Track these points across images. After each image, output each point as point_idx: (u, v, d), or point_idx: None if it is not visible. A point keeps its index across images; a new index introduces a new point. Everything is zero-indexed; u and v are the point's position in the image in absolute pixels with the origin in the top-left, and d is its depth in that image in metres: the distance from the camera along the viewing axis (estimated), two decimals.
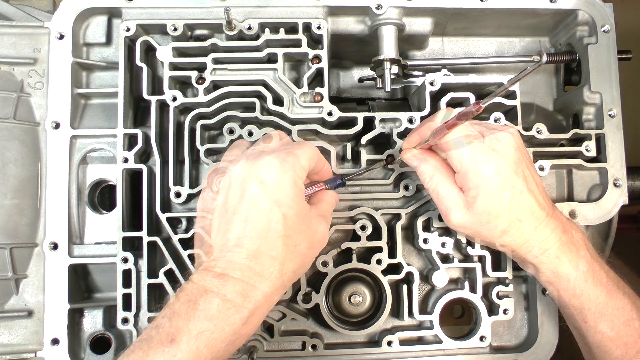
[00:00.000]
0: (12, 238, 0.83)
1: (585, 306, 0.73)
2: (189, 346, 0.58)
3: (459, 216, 0.73)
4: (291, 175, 0.66)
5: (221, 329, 0.60)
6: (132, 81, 0.85)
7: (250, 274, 0.62)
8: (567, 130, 0.87)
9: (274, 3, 0.84)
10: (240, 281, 0.61)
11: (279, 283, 0.64)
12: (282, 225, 0.64)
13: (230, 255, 0.63)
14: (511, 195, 0.70)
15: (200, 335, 0.58)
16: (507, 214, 0.71)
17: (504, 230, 0.72)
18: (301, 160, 0.68)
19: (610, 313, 0.72)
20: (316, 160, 0.71)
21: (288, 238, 0.64)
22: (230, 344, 0.61)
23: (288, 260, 0.65)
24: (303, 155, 0.68)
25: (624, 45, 0.90)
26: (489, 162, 0.69)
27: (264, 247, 0.63)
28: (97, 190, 0.88)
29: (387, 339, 0.82)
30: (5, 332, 0.84)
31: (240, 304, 0.61)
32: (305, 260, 0.69)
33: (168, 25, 0.82)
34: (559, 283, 0.74)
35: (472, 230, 0.74)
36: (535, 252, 0.73)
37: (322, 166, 0.74)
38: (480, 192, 0.70)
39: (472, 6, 0.86)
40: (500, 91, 0.76)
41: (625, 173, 0.86)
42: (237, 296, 0.61)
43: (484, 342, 0.83)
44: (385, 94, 0.97)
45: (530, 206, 0.72)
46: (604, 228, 0.95)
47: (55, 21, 0.83)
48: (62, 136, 0.83)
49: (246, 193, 0.64)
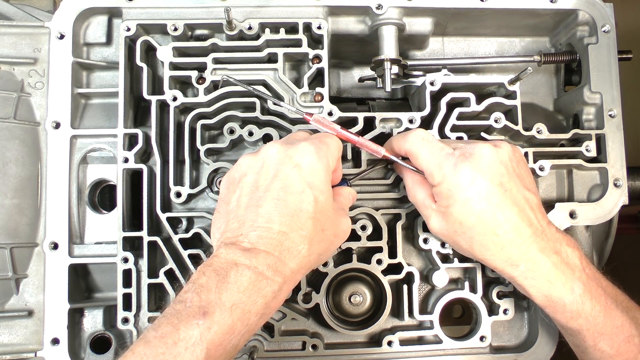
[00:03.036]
0: (12, 238, 0.83)
1: (584, 327, 0.71)
2: (223, 318, 0.57)
3: (436, 223, 0.74)
4: (325, 162, 0.67)
5: (254, 302, 0.59)
6: (133, 81, 0.85)
7: (280, 249, 0.62)
8: (567, 130, 0.87)
9: (274, 3, 0.84)
10: (272, 255, 0.62)
11: (305, 262, 0.65)
12: (313, 207, 0.65)
13: (261, 230, 0.63)
14: (486, 206, 0.69)
15: (234, 307, 0.58)
16: (481, 225, 0.70)
17: (482, 244, 0.71)
18: (332, 149, 0.70)
19: (610, 332, 0.71)
20: (340, 153, 0.73)
21: (317, 221, 0.65)
22: (261, 317, 0.61)
23: (316, 242, 0.65)
24: (334, 145, 0.71)
25: (624, 45, 0.90)
26: (459, 172, 0.69)
27: (295, 225, 0.63)
28: (97, 190, 0.88)
29: (387, 339, 0.82)
30: (6, 332, 0.84)
31: (272, 277, 0.61)
32: (330, 247, 0.70)
33: (168, 25, 0.82)
34: (553, 307, 0.71)
35: (451, 239, 0.74)
36: (524, 273, 0.71)
37: (339, 164, 0.75)
38: (450, 202, 0.70)
39: (472, 6, 0.86)
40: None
41: (626, 173, 0.86)
42: (268, 269, 0.61)
43: (484, 342, 0.83)
44: (386, 94, 0.97)
45: (510, 221, 0.69)
46: (604, 228, 0.95)
47: (55, 21, 0.83)
48: (63, 136, 0.83)
49: (280, 173, 0.65)
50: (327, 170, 0.68)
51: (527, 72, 0.78)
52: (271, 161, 0.67)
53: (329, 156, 0.68)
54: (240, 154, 0.85)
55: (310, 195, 0.65)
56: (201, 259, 0.81)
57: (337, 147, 0.72)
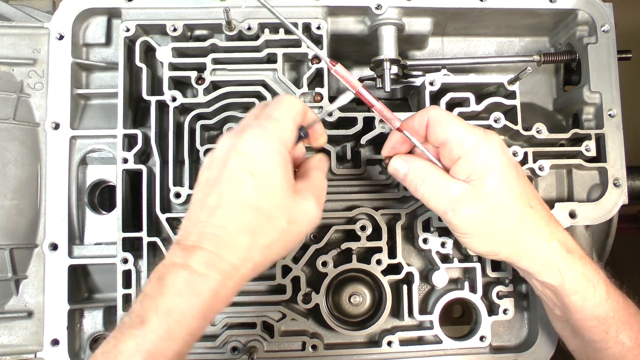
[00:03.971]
0: (12, 239, 0.83)
1: (610, 314, 0.69)
2: (159, 325, 0.55)
3: (468, 208, 0.66)
4: (272, 142, 0.61)
5: (190, 304, 0.57)
6: (132, 81, 0.85)
7: (217, 243, 0.59)
8: (567, 130, 0.87)
9: (273, 3, 0.84)
10: (207, 251, 0.58)
11: (246, 256, 0.59)
12: (253, 196, 0.59)
13: (202, 226, 0.60)
14: (517, 175, 0.68)
15: (169, 312, 0.56)
16: (518, 197, 0.67)
17: (518, 216, 0.67)
18: (284, 123, 0.62)
19: (629, 320, 0.70)
20: (302, 112, 0.65)
21: (259, 210, 0.60)
22: (202, 319, 0.58)
23: (260, 233, 0.60)
24: (285, 117, 0.63)
25: (624, 45, 0.90)
26: (490, 142, 0.67)
27: (233, 217, 0.59)
28: (97, 191, 0.88)
29: (387, 339, 0.82)
30: (5, 333, 0.84)
31: (206, 274, 0.57)
32: (286, 237, 0.62)
33: (168, 25, 0.82)
34: (586, 290, 0.69)
35: (483, 222, 0.67)
36: (558, 250, 0.68)
37: (312, 119, 0.68)
38: (486, 171, 0.66)
39: (472, 6, 0.86)
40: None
41: (625, 173, 0.86)
42: (202, 266, 0.58)
43: (484, 342, 0.83)
44: (385, 94, 0.96)
45: (536, 194, 0.70)
46: (604, 228, 0.95)
47: (54, 22, 0.83)
48: (62, 137, 0.83)
49: (226, 166, 0.61)
50: (276, 152, 0.61)
51: (526, 72, 0.78)
52: (219, 155, 0.62)
53: (279, 133, 0.62)
54: None
55: (251, 184, 0.59)
56: None
57: (291, 115, 0.63)
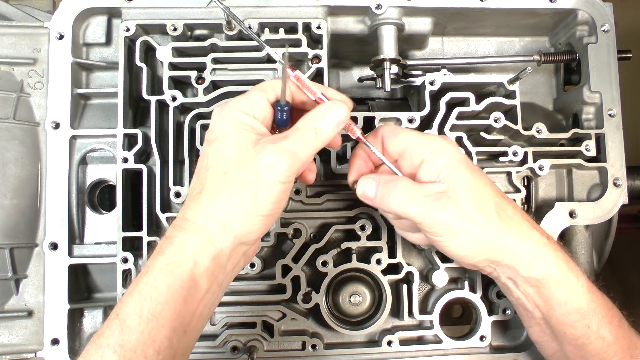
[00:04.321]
0: (12, 238, 0.83)
1: (591, 307, 0.69)
2: (131, 296, 0.57)
3: (449, 205, 0.65)
4: (227, 113, 0.61)
5: (158, 266, 0.57)
6: (132, 81, 0.85)
7: (184, 208, 0.61)
8: (567, 130, 0.87)
9: (273, 3, 0.84)
10: (177, 218, 0.60)
11: (206, 212, 0.59)
12: (211, 157, 0.60)
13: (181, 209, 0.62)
14: (479, 169, 0.71)
15: (139, 287, 0.57)
16: (491, 189, 0.68)
17: (497, 206, 0.67)
18: (245, 95, 0.63)
19: (607, 314, 0.70)
20: (272, 86, 0.64)
21: (215, 168, 0.60)
22: (173, 276, 0.57)
23: (218, 188, 0.59)
24: (250, 91, 0.64)
25: (624, 45, 0.90)
26: (448, 141, 0.69)
27: (195, 181, 0.62)
28: (97, 190, 0.88)
29: (387, 339, 0.82)
30: (5, 332, 0.84)
31: (172, 235, 0.59)
32: (249, 187, 0.59)
33: (168, 25, 0.82)
34: (570, 281, 0.68)
35: (467, 218, 0.65)
36: (540, 239, 0.68)
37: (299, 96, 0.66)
38: (455, 167, 0.66)
39: (472, 6, 0.86)
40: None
41: (625, 172, 0.86)
42: (172, 229, 0.60)
43: (484, 342, 0.83)
44: (385, 94, 0.97)
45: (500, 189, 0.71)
46: (603, 227, 0.95)
47: (55, 21, 0.83)
48: (62, 136, 0.83)
49: (205, 145, 0.63)
50: (229, 117, 0.61)
51: (526, 71, 0.78)
52: (206, 137, 0.64)
53: (235, 104, 0.62)
54: None
55: (209, 150, 0.61)
56: None
57: (258, 89, 0.63)
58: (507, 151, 0.84)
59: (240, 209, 0.59)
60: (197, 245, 0.58)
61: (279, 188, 0.59)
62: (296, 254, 0.82)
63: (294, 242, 0.83)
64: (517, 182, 0.85)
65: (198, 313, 0.59)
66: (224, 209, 0.59)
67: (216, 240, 0.59)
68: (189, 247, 0.58)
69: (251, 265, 0.81)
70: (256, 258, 0.81)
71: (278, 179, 0.59)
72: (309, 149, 0.61)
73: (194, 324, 0.59)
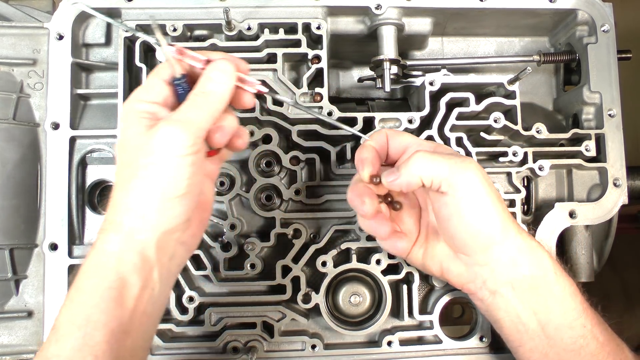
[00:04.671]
0: (11, 239, 0.83)
1: (584, 304, 0.69)
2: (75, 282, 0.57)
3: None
4: (127, 105, 0.60)
5: (82, 291, 0.56)
6: (132, 82, 0.85)
7: (102, 223, 0.59)
8: (567, 130, 0.87)
9: (273, 3, 0.84)
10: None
11: (120, 207, 0.57)
12: (118, 153, 0.59)
13: None
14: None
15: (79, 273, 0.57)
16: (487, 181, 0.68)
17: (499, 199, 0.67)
18: (143, 84, 0.62)
19: (595, 314, 0.70)
20: (165, 66, 0.61)
21: (121, 161, 0.59)
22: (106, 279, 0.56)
23: (123, 180, 0.58)
24: (147, 80, 0.62)
25: (624, 45, 0.90)
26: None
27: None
28: (97, 191, 0.88)
29: (387, 339, 0.82)
30: (5, 333, 0.84)
31: (87, 255, 0.58)
32: (152, 171, 0.56)
33: (168, 25, 0.82)
34: (564, 277, 0.69)
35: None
36: (531, 239, 0.69)
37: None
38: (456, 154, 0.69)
39: (471, 6, 0.86)
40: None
41: (625, 173, 0.86)
42: (90, 249, 0.59)
43: (483, 342, 0.83)
44: (385, 94, 0.97)
45: None
46: (603, 228, 0.95)
47: (54, 22, 0.83)
48: (62, 137, 0.83)
49: None
50: (128, 109, 0.60)
51: (526, 71, 0.78)
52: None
53: (135, 95, 0.60)
54: (239, 154, 0.85)
55: (117, 145, 0.61)
56: (201, 259, 0.81)
57: (153, 74, 0.61)
58: (507, 151, 0.84)
59: (152, 196, 0.56)
60: (118, 243, 0.56)
61: (183, 162, 0.56)
62: (296, 254, 0.82)
63: (294, 242, 0.83)
64: (517, 183, 0.85)
65: (140, 311, 0.57)
66: (136, 200, 0.56)
67: (137, 234, 0.56)
68: (110, 246, 0.56)
69: (251, 265, 0.81)
70: (256, 258, 0.81)
71: (177, 153, 0.56)
72: (203, 113, 0.58)
73: (137, 323, 0.57)
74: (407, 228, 0.74)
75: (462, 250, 0.69)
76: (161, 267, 0.59)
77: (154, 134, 0.56)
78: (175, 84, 0.60)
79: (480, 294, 0.70)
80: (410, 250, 0.73)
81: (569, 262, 0.91)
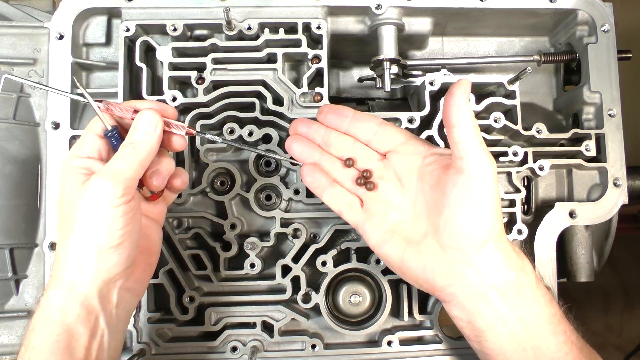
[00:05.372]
0: (11, 238, 0.83)
1: (559, 310, 0.68)
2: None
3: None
4: (65, 162, 0.63)
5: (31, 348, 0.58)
6: (132, 81, 0.85)
7: (49, 280, 0.62)
8: (567, 130, 0.87)
9: (273, 3, 0.84)
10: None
11: (62, 262, 0.60)
12: (58, 211, 0.62)
13: None
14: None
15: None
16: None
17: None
18: (79, 140, 0.64)
19: (567, 320, 0.69)
20: (95, 121, 0.64)
21: (60, 218, 0.62)
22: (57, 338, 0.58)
23: (63, 238, 0.60)
24: (83, 134, 0.65)
25: (624, 45, 0.90)
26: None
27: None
28: None
29: (387, 339, 0.82)
30: (5, 333, 0.84)
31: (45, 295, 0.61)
32: (88, 224, 0.58)
33: (168, 25, 0.82)
34: (542, 283, 0.68)
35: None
36: (518, 250, 0.69)
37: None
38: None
39: (472, 6, 0.86)
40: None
41: (625, 173, 0.86)
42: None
43: None
44: (385, 94, 0.97)
45: None
46: (603, 228, 0.95)
47: (54, 21, 0.83)
48: (62, 136, 0.82)
49: None
50: (64, 165, 0.62)
51: (526, 71, 0.78)
52: None
53: (72, 151, 0.64)
54: (239, 154, 0.86)
55: (57, 201, 0.63)
56: (201, 259, 0.81)
57: (87, 130, 0.64)
58: (507, 151, 0.84)
59: (88, 249, 0.58)
60: (61, 297, 0.59)
61: (115, 213, 0.58)
62: (296, 254, 0.82)
63: (294, 242, 0.83)
64: (517, 182, 0.85)
65: (93, 358, 0.59)
66: (74, 254, 0.59)
67: (78, 287, 0.59)
68: (54, 300, 0.59)
69: (251, 265, 0.81)
70: (256, 258, 0.81)
71: (108, 204, 0.58)
72: (130, 164, 0.61)
73: None
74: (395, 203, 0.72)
75: (457, 242, 0.65)
76: (107, 315, 0.61)
77: (86, 188, 0.59)
78: (108, 137, 0.63)
79: (461, 297, 0.66)
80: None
81: (569, 262, 0.92)
